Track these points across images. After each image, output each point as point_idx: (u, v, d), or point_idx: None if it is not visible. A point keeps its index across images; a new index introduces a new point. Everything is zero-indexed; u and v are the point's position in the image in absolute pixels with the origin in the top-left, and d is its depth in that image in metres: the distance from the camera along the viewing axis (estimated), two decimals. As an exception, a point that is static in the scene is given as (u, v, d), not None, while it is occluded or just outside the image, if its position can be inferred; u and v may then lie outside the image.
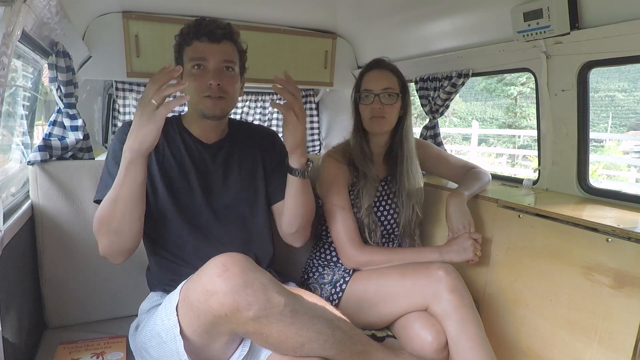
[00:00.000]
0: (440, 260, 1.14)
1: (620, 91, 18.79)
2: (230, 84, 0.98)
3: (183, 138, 1.05)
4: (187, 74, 0.97)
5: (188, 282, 0.81)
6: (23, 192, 1.14)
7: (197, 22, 0.98)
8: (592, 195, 1.27)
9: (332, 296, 1.17)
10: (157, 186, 0.99)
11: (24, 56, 1.14)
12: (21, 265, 1.02)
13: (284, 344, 0.77)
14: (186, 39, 0.98)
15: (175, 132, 1.05)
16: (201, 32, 0.96)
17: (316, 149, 2.66)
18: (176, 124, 1.06)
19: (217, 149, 1.06)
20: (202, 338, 0.80)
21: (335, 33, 2.02)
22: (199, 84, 0.96)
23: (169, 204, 0.99)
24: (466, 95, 19.36)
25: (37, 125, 1.38)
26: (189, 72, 0.97)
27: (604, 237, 0.95)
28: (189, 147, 1.04)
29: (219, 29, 0.97)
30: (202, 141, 1.05)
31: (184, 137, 1.05)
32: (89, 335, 1.09)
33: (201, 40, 0.96)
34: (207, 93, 0.96)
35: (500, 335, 1.20)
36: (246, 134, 1.12)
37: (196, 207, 1.01)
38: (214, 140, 1.06)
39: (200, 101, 0.97)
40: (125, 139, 0.91)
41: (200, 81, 0.95)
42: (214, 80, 0.95)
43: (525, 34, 1.22)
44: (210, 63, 0.96)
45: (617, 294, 0.93)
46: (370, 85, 1.20)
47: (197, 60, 0.96)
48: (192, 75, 0.97)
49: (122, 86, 2.13)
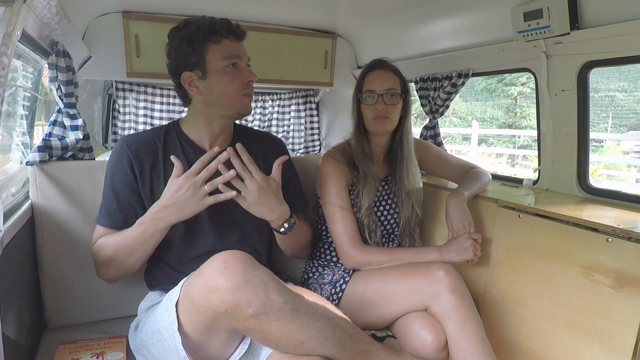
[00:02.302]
0: (440, 260, 1.14)
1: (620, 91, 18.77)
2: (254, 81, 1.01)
3: (183, 148, 1.03)
4: (220, 73, 0.96)
5: (189, 278, 0.81)
6: (23, 193, 1.14)
7: (213, 21, 0.97)
8: (592, 195, 1.27)
9: (332, 296, 1.16)
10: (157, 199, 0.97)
11: (24, 56, 1.14)
12: (21, 265, 1.02)
13: (284, 342, 0.77)
14: (210, 37, 0.95)
15: (175, 142, 1.03)
16: (230, 30, 0.97)
17: (316, 149, 2.67)
18: (175, 131, 1.04)
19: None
20: (202, 335, 0.80)
21: (335, 33, 2.02)
22: (239, 83, 0.97)
23: None
24: (466, 95, 19.34)
25: (37, 125, 1.38)
26: (223, 71, 0.96)
27: (604, 237, 0.95)
28: (190, 159, 1.00)
29: (240, 27, 0.99)
30: (204, 150, 1.03)
31: (184, 147, 1.03)
32: (89, 335, 1.09)
33: (230, 39, 0.97)
34: (245, 91, 0.98)
35: (500, 335, 1.19)
36: (250, 141, 1.09)
37: (198, 221, 1.01)
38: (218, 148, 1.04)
39: (239, 100, 0.98)
40: (123, 162, 0.97)
41: (239, 80, 0.97)
42: (254, 77, 0.98)
43: (525, 34, 1.22)
44: (242, 61, 0.98)
45: (617, 294, 0.93)
46: (373, 85, 1.20)
47: (233, 58, 0.96)
48: (228, 74, 0.96)
49: (122, 86, 2.13)
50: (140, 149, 0.99)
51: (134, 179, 0.98)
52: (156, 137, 1.03)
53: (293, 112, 2.58)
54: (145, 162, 0.99)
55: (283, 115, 2.58)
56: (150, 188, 0.99)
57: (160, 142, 1.02)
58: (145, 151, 1.00)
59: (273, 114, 2.57)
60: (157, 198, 0.95)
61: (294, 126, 2.59)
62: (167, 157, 1.00)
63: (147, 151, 1.00)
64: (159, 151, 1.01)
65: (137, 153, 0.99)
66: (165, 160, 1.00)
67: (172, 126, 1.06)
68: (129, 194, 0.98)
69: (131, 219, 0.96)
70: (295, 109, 2.57)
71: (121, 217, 0.97)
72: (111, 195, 0.98)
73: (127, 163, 0.98)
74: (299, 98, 2.56)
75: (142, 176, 0.99)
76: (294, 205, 1.08)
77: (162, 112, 2.24)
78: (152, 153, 1.00)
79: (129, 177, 0.98)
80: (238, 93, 0.97)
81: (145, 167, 0.99)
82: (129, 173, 0.98)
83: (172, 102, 2.26)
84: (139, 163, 0.99)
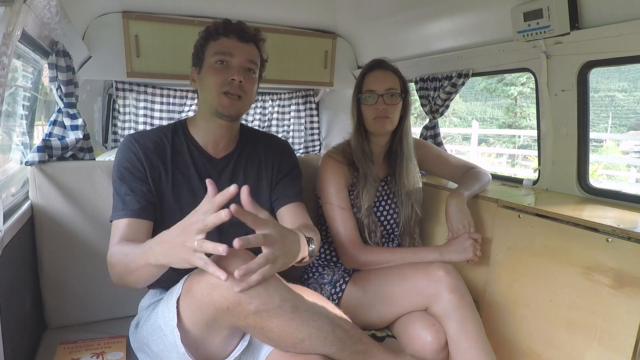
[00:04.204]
0: (440, 260, 1.14)
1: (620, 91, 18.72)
2: (250, 84, 0.96)
3: (190, 151, 1.01)
4: (208, 68, 0.94)
5: (192, 275, 0.81)
6: (23, 193, 1.14)
7: (227, 21, 0.97)
8: (592, 195, 1.26)
9: (331, 296, 1.16)
10: (165, 203, 0.97)
11: (24, 56, 1.14)
12: (21, 265, 1.02)
13: (284, 339, 0.77)
14: (213, 35, 0.96)
15: (182, 145, 1.01)
16: (231, 29, 0.95)
17: (316, 149, 2.67)
18: (182, 132, 1.03)
19: (224, 165, 1.04)
20: (203, 331, 0.79)
21: (335, 33, 2.02)
22: (221, 79, 0.93)
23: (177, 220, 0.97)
24: (466, 95, 19.31)
25: (37, 125, 1.38)
26: (211, 66, 0.94)
27: (604, 237, 0.95)
28: (197, 163, 1.00)
29: (249, 30, 0.97)
30: (210, 155, 1.02)
31: (191, 150, 1.01)
32: (89, 335, 1.09)
33: (229, 37, 0.95)
34: (226, 88, 0.93)
35: (500, 335, 1.19)
36: (256, 145, 1.09)
37: None
38: (222, 153, 1.04)
39: (218, 98, 0.93)
40: (133, 158, 0.93)
41: (222, 76, 0.93)
42: (238, 76, 0.93)
43: (525, 34, 1.22)
44: (235, 60, 0.95)
45: (617, 294, 0.93)
46: (374, 85, 1.20)
47: (222, 54, 0.94)
48: (214, 69, 0.94)
49: (122, 86, 2.13)
50: (149, 147, 0.97)
51: (145, 173, 0.96)
52: (164, 136, 1.01)
53: (293, 112, 2.58)
54: (154, 160, 0.97)
55: (283, 115, 2.58)
56: (158, 188, 0.97)
57: (169, 143, 1.00)
58: (154, 149, 0.98)
59: (273, 114, 2.57)
60: (162, 197, 0.96)
61: (293, 126, 2.59)
62: (175, 158, 0.99)
63: (155, 150, 0.98)
64: (167, 152, 0.99)
65: (146, 150, 0.97)
66: (173, 162, 0.99)
67: (179, 126, 1.04)
68: (143, 185, 0.95)
69: (146, 207, 0.93)
70: (295, 109, 2.57)
71: (137, 205, 0.93)
72: (124, 188, 0.94)
73: (137, 159, 0.96)
74: (299, 98, 2.56)
75: (151, 174, 0.96)
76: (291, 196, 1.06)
77: (162, 112, 2.24)
78: (160, 152, 0.98)
79: (140, 171, 0.95)
80: (218, 89, 0.93)
81: (155, 166, 0.97)
82: (139, 168, 0.95)
83: (172, 102, 2.26)
84: (149, 160, 0.96)
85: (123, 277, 0.87)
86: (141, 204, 0.93)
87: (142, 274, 0.83)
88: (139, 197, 0.94)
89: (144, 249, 0.80)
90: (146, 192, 0.95)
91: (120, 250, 0.88)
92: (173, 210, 0.97)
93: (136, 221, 0.92)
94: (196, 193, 0.99)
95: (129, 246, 0.87)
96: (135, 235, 0.92)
